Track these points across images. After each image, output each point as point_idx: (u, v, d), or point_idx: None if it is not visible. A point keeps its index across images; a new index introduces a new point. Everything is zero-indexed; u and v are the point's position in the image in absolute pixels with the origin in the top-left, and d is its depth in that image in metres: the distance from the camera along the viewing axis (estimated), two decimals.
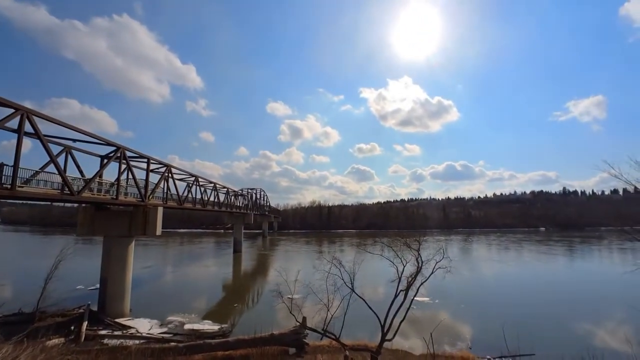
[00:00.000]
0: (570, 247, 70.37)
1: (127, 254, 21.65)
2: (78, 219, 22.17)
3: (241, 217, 58.33)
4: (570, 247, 71.70)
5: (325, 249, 66.01)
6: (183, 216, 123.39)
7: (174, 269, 41.97)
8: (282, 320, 18.45)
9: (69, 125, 15.74)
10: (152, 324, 18.84)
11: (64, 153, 18.03)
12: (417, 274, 14.59)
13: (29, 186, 14.36)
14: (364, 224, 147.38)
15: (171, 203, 27.85)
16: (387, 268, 15.88)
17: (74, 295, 23.98)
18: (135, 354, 11.27)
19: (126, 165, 20.36)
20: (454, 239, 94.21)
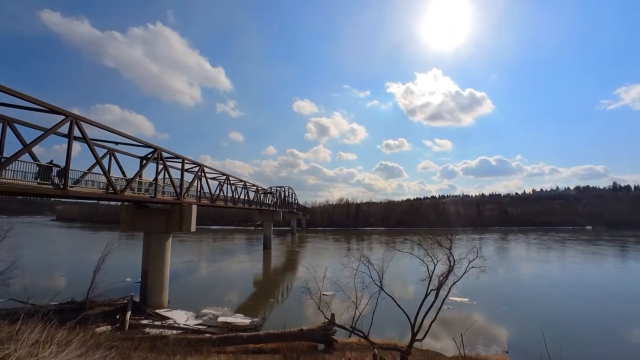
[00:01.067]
0: (623, 248, 64.47)
1: (165, 249, 22.98)
2: (121, 216, 23.86)
3: (270, 215, 59.61)
4: (623, 247, 65.70)
5: (353, 246, 65.72)
6: (215, 214, 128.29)
7: (208, 264, 43.86)
8: (310, 316, 18.68)
9: (112, 129, 16.95)
10: (188, 315, 19.87)
11: (108, 155, 19.43)
12: (449, 273, 14.13)
13: (79, 186, 15.67)
14: (393, 222, 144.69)
15: (204, 201, 29.11)
16: (417, 267, 15.53)
17: (119, 287, 25.83)
18: (173, 344, 11.97)
19: (163, 166, 21.55)
20: (488, 237, 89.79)
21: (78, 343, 5.87)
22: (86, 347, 6.12)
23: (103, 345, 7.70)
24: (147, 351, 10.53)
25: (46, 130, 13.22)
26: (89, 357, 5.46)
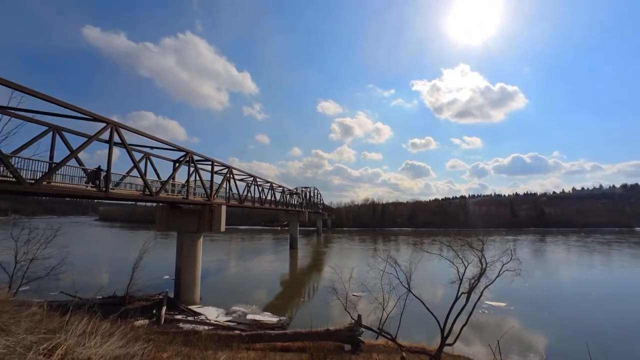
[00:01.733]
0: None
1: (197, 248, 23.98)
2: (156, 216, 25.20)
3: (296, 215, 60.29)
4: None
5: (379, 247, 64.82)
6: (243, 214, 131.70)
7: (237, 263, 45.17)
8: (337, 316, 18.67)
9: (148, 135, 17.98)
10: (218, 312, 20.59)
11: (144, 159, 20.59)
12: (481, 276, 13.59)
13: (119, 188, 16.77)
14: (420, 222, 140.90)
15: (233, 202, 30.04)
16: (446, 269, 15.07)
17: (155, 283, 27.28)
18: (205, 339, 12.44)
19: (194, 168, 22.50)
20: (523, 239, 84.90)
21: (120, 335, 6.28)
22: (127, 339, 6.52)
23: (141, 338, 8.17)
24: (181, 345, 11.04)
25: (90, 137, 14.29)
26: (129, 349, 5.82)
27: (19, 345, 3.80)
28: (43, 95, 11.27)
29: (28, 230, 16.04)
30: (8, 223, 18.35)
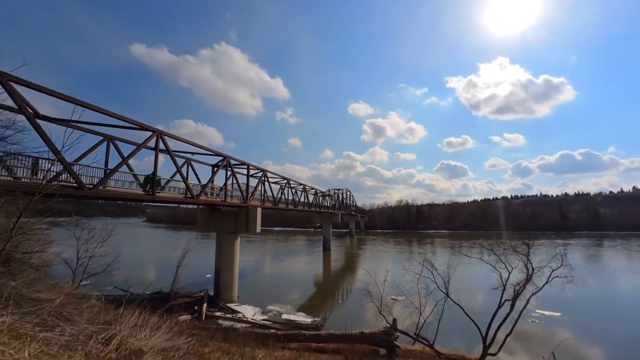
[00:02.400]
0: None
1: (234, 248, 25.00)
2: (197, 218, 26.65)
3: (329, 217, 60.48)
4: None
5: (414, 249, 62.91)
6: (277, 216, 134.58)
7: (272, 263, 46.29)
8: (371, 319, 18.43)
9: (189, 141, 19.11)
10: (255, 311, 21.25)
11: (186, 164, 21.89)
12: (527, 283, 12.74)
13: (164, 192, 18.00)
14: (458, 225, 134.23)
15: (267, 204, 30.89)
16: (487, 274, 14.30)
17: (197, 281, 28.78)
18: (243, 336, 12.94)
19: (231, 172, 23.51)
20: (576, 243, 77.60)
21: (166, 329, 6.75)
22: (172, 333, 6.99)
23: (185, 333, 8.70)
24: (221, 341, 11.57)
25: (138, 144, 15.52)
26: (174, 342, 6.23)
27: (82, 334, 4.25)
28: (99, 108, 12.50)
29: (87, 230, 17.74)
30: (71, 224, 20.46)
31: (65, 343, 3.73)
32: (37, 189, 5.70)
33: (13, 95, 9.47)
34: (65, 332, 3.97)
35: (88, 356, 3.78)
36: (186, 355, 5.79)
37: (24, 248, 5.75)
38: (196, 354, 6.96)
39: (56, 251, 11.76)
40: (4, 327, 3.08)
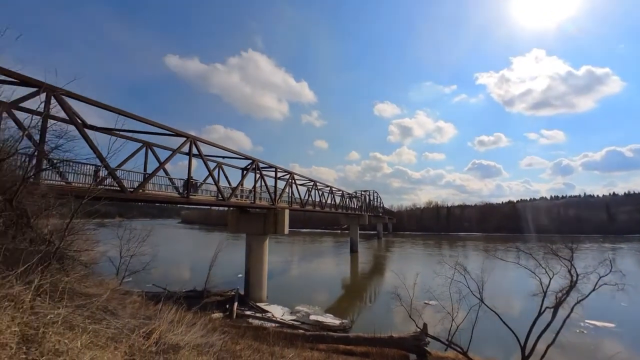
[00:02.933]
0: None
1: (263, 249, 25.58)
2: (228, 219, 27.59)
3: (356, 218, 60.05)
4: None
5: (445, 252, 60.68)
6: (304, 217, 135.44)
7: (300, 264, 46.74)
8: (399, 323, 18.04)
9: (220, 146, 19.89)
10: (283, 310, 21.58)
11: (217, 168, 22.76)
12: (571, 290, 11.89)
13: (197, 195, 18.85)
14: (491, 227, 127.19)
15: (295, 206, 31.32)
16: (525, 279, 13.49)
17: (228, 280, 29.72)
18: (272, 335, 13.21)
19: (259, 175, 24.14)
20: (627, 247, 70.72)
21: (200, 325, 7.07)
22: (206, 330, 7.31)
23: (218, 330, 9.07)
24: (252, 339, 11.91)
25: (174, 150, 16.41)
26: (208, 338, 6.52)
27: (126, 328, 4.57)
28: (139, 117, 13.40)
29: (129, 230, 19.01)
30: (115, 225, 22.01)
31: (112, 335, 4.03)
32: (86, 192, 6.22)
33: (65, 108, 10.42)
34: (111, 325, 4.30)
35: (131, 348, 4.07)
36: (219, 352, 6.02)
37: (75, 247, 6.29)
38: (228, 351, 7.22)
39: (102, 250, 12.72)
40: (59, 319, 3.40)
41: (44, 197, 6.51)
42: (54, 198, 6.74)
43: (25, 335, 2.84)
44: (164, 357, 4.39)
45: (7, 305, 3.04)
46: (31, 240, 5.37)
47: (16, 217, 5.37)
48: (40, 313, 3.30)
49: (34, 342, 2.82)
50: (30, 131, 7.24)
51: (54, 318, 3.32)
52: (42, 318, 3.22)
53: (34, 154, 7.44)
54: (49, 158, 8.99)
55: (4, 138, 6.42)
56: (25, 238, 5.35)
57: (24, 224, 5.53)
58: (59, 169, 10.76)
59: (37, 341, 2.85)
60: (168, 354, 4.54)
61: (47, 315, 3.31)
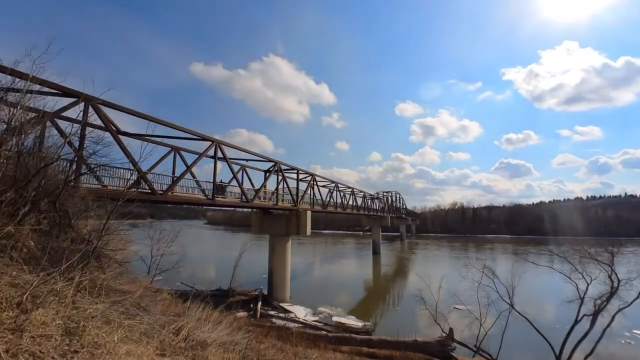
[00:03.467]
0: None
1: (286, 250, 25.90)
2: (252, 221, 28.18)
3: (378, 220, 59.34)
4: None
5: (471, 255, 58.48)
6: (326, 219, 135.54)
7: (322, 265, 46.82)
8: (424, 327, 17.61)
9: (243, 149, 20.40)
10: (306, 311, 21.70)
11: (241, 170, 23.33)
12: (612, 296, 11.10)
13: (222, 197, 19.42)
14: (521, 229, 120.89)
15: (317, 207, 31.45)
16: (560, 284, 12.75)
17: (252, 280, 30.27)
18: (295, 335, 13.33)
19: (282, 177, 24.50)
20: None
21: (226, 324, 7.28)
22: (231, 328, 7.52)
23: (243, 329, 9.28)
24: (275, 339, 12.08)
25: (200, 154, 17.01)
26: (233, 337, 6.70)
27: (157, 324, 4.80)
28: (168, 123, 14.04)
29: (159, 231, 19.91)
30: (146, 225, 23.14)
31: (144, 331, 4.25)
32: (120, 195, 6.59)
33: (101, 116, 11.12)
34: (144, 321, 4.53)
35: (162, 343, 4.27)
36: (244, 350, 6.18)
37: (111, 246, 6.68)
38: (253, 350, 7.37)
39: (135, 249, 13.41)
40: (97, 314, 3.63)
41: (83, 199, 6.98)
42: (92, 200, 7.22)
43: (68, 328, 3.02)
44: (192, 353, 4.57)
45: (52, 300, 3.27)
46: (72, 240, 5.77)
47: (59, 218, 5.79)
48: (80, 308, 3.53)
49: (75, 335, 2.99)
50: (71, 138, 7.81)
51: (92, 313, 3.53)
52: (82, 312, 3.43)
53: (74, 160, 8.00)
54: (87, 163, 9.62)
55: (48, 145, 6.96)
56: (67, 237, 5.76)
57: (66, 225, 5.95)
58: (96, 173, 11.51)
59: (78, 334, 3.03)
60: (196, 350, 4.71)
61: (86, 310, 3.53)
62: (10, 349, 2.41)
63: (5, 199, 4.81)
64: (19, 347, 2.46)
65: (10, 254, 4.01)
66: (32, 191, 5.20)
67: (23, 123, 5.55)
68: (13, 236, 4.28)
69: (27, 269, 3.78)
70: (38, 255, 4.47)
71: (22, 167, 5.37)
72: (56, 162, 6.34)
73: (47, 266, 4.03)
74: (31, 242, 4.72)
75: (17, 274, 3.49)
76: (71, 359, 2.69)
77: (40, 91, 7.17)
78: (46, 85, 8.40)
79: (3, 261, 3.78)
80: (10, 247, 4.11)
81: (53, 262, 4.39)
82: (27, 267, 3.85)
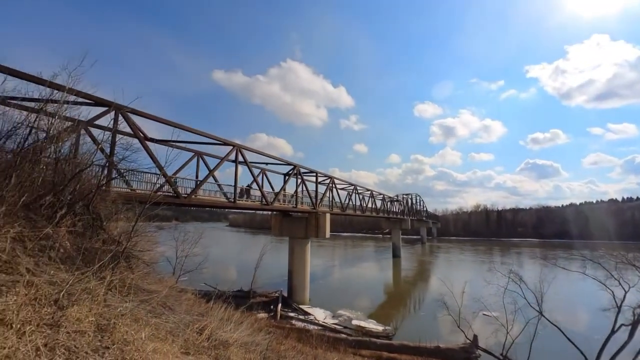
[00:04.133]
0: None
1: (305, 252, 26.02)
2: (272, 223, 28.55)
3: (398, 223, 58.38)
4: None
5: (496, 259, 56.24)
6: (345, 221, 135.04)
7: (341, 268, 46.61)
8: (446, 333, 17.10)
9: (263, 153, 20.75)
10: (326, 314, 21.67)
11: (261, 174, 23.72)
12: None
13: (243, 200, 19.83)
14: (550, 232, 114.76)
15: (336, 210, 31.42)
16: (594, 292, 12.02)
17: (273, 282, 30.60)
18: (315, 338, 13.35)
19: (301, 180, 24.70)
20: None
21: (247, 324, 7.42)
22: (252, 329, 7.65)
23: (263, 330, 9.42)
24: (295, 341, 12.15)
25: (221, 158, 17.48)
26: (254, 337, 6.81)
27: (181, 323, 4.97)
28: (191, 129, 14.57)
29: (183, 233, 20.59)
30: (171, 227, 24.00)
31: (170, 329, 4.42)
32: (148, 198, 6.90)
33: (130, 124, 11.70)
34: (169, 320, 4.71)
35: (187, 342, 4.42)
36: (265, 351, 6.27)
37: (139, 247, 6.97)
38: (273, 351, 7.46)
39: (161, 250, 13.93)
40: (127, 312, 3.82)
41: (113, 202, 7.36)
42: (122, 203, 7.60)
43: (100, 324, 3.17)
44: (215, 352, 4.69)
45: (85, 298, 3.46)
46: (104, 241, 6.09)
47: (92, 220, 6.14)
48: (111, 305, 3.72)
49: (107, 332, 3.15)
50: (103, 145, 8.27)
51: (122, 310, 3.72)
52: (113, 310, 3.61)
53: (106, 165, 8.45)
54: (118, 168, 10.14)
55: (82, 152, 7.41)
56: (99, 239, 6.09)
57: (98, 226, 6.29)
58: (125, 178, 12.11)
59: (109, 330, 3.18)
60: (218, 349, 4.83)
61: (117, 308, 3.72)
62: (48, 343, 2.55)
63: (44, 202, 5.17)
64: (56, 342, 2.61)
65: (48, 254, 4.28)
66: (68, 195, 5.55)
67: (60, 132, 5.93)
68: (51, 237, 4.58)
69: (64, 267, 4.01)
70: (73, 255, 4.75)
71: (59, 172, 5.74)
72: (89, 167, 6.73)
73: (81, 266, 4.26)
74: (67, 243, 5.02)
75: (55, 272, 3.71)
76: (103, 354, 2.82)
77: (75, 101, 7.63)
78: (81, 96, 8.94)
79: (42, 260, 4.04)
80: (49, 248, 4.39)
81: (86, 262, 4.65)
82: (64, 266, 4.08)
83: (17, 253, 3.53)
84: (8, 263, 3.32)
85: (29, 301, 2.91)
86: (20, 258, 3.51)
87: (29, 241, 4.05)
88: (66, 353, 2.58)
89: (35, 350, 2.43)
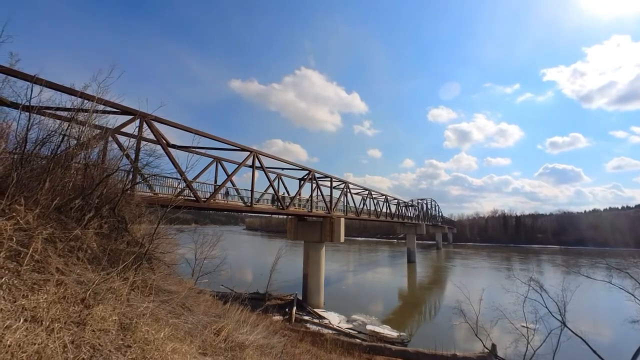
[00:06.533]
0: None
1: (320, 256, 26.07)
2: (287, 227, 28.82)
3: (413, 228, 57.50)
4: None
5: (515, 266, 54.18)
6: (359, 226, 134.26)
7: (356, 273, 46.25)
8: (462, 341, 16.68)
9: (279, 158, 21.05)
10: (340, 318, 21.59)
11: (277, 179, 24.03)
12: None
13: (259, 204, 20.21)
14: (572, 239, 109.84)
15: (350, 214, 31.34)
16: (621, 301, 11.44)
17: (288, 285, 30.74)
18: (329, 342, 13.35)
19: (316, 184, 24.86)
20: None
21: (263, 327, 7.55)
22: (268, 331, 7.78)
23: (279, 333, 9.54)
24: (310, 344, 12.21)
25: (239, 163, 17.89)
26: (269, 340, 6.93)
27: (199, 324, 5.15)
28: (211, 135, 15.03)
29: (202, 236, 21.07)
30: (191, 230, 24.57)
31: (188, 330, 4.59)
32: (169, 202, 7.20)
33: (153, 131, 12.22)
34: (188, 321, 4.89)
35: (204, 343, 4.58)
36: (280, 354, 6.37)
37: (160, 249, 7.25)
38: (288, 354, 7.56)
39: (181, 253, 14.33)
40: (148, 312, 4.01)
41: (137, 206, 7.71)
42: (145, 207, 7.95)
43: (122, 323, 3.31)
44: (231, 354, 4.82)
45: (110, 297, 3.63)
46: (128, 243, 6.39)
47: (117, 223, 6.47)
48: (133, 305, 3.90)
49: (129, 330, 3.27)
50: (128, 151, 8.70)
51: (144, 310, 3.89)
52: (135, 310, 3.78)
53: (131, 170, 8.85)
54: (142, 173, 10.60)
55: (109, 158, 7.82)
56: (124, 240, 6.40)
57: (122, 229, 6.61)
58: (148, 182, 12.63)
59: (131, 329, 3.30)
60: (235, 351, 4.96)
61: (139, 307, 3.90)
62: (75, 341, 2.68)
63: (74, 205, 5.50)
64: (82, 339, 2.74)
65: (77, 254, 4.55)
66: (96, 198, 5.88)
67: (90, 139, 6.30)
68: (80, 238, 4.87)
69: (91, 268, 4.22)
70: (99, 256, 5.02)
71: (88, 177, 6.10)
72: (116, 172, 7.10)
73: (106, 266, 4.49)
74: (94, 244, 5.31)
75: (82, 272, 3.92)
76: (125, 353, 2.93)
77: (104, 110, 8.08)
78: (109, 105, 9.45)
79: (71, 260, 4.30)
80: (77, 248, 4.67)
81: (111, 263, 4.90)
82: (91, 266, 4.30)
83: (48, 253, 3.73)
84: (40, 262, 3.49)
85: (58, 299, 3.05)
86: (52, 258, 3.70)
87: (60, 242, 4.29)
88: (91, 350, 2.69)
89: (63, 347, 2.53)
